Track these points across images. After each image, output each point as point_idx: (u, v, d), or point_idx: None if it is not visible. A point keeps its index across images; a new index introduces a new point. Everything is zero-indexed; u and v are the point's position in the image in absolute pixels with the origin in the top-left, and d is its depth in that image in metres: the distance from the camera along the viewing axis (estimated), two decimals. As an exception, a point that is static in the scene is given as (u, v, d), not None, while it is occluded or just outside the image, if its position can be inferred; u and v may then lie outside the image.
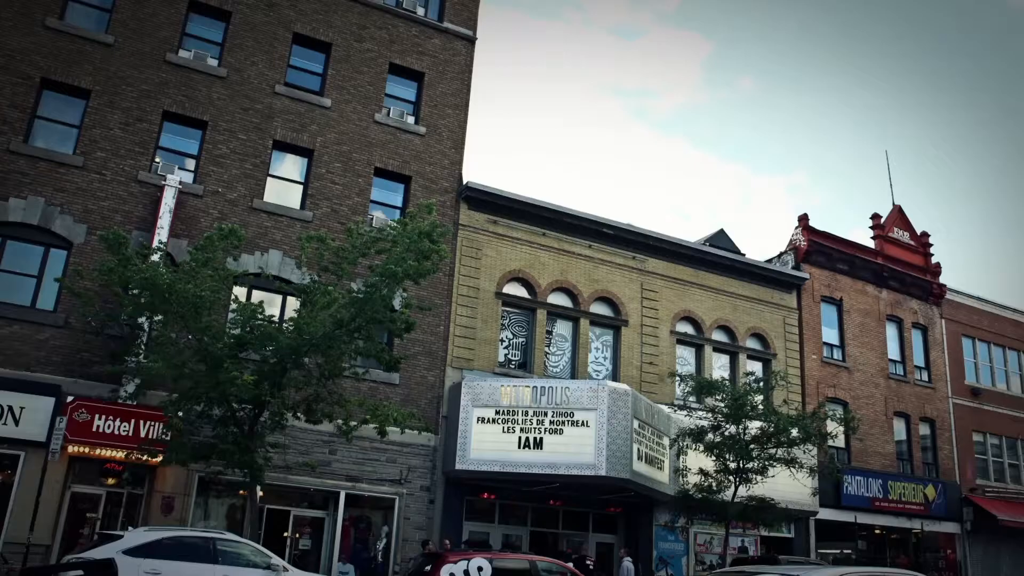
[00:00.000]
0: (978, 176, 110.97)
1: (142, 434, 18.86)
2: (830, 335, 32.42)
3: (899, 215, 36.80)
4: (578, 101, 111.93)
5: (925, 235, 37.00)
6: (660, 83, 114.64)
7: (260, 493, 18.56)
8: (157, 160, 21.83)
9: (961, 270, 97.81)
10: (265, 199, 22.84)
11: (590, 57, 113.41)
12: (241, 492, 19.97)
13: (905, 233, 36.60)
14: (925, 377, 34.89)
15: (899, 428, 33.37)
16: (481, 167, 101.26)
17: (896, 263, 35.17)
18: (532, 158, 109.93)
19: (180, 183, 21.19)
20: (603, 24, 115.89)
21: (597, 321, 26.99)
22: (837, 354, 32.33)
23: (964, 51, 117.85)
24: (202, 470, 19.04)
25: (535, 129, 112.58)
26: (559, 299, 26.48)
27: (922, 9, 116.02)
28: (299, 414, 17.96)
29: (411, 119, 25.62)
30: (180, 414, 17.35)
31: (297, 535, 21.53)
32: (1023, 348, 39.02)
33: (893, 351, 34.22)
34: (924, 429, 34.19)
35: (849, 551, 30.43)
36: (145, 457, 18.33)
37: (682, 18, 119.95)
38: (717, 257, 29.80)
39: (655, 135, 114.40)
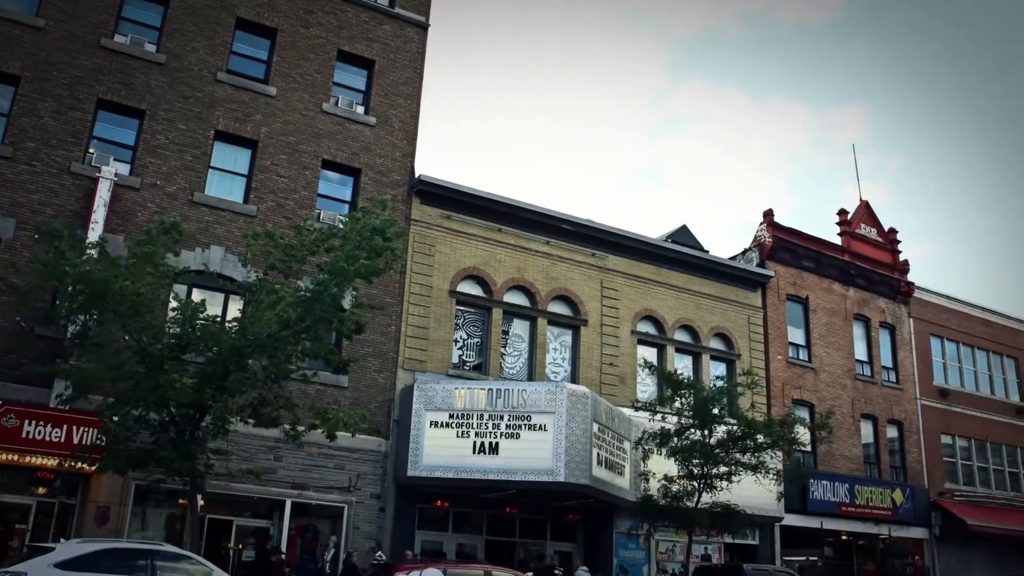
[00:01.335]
0: (950, 173, 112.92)
1: (75, 440, 18.69)
2: (796, 335, 32.95)
3: (866, 211, 37.49)
4: (557, 95, 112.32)
5: (893, 231, 37.71)
6: (630, 80, 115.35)
7: (201, 502, 18.52)
8: (91, 151, 21.70)
9: (930, 268, 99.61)
10: (207, 192, 22.79)
11: (564, 48, 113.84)
12: (181, 501, 19.90)
13: (872, 229, 37.29)
14: (893, 378, 35.60)
15: (866, 430, 34.02)
16: (468, 167, 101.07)
17: (863, 260, 35.86)
18: (526, 158, 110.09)
19: (116, 175, 21.07)
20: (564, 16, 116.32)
21: (555, 320, 27.23)
22: (803, 354, 32.87)
23: (946, 46, 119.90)
24: (140, 478, 18.94)
25: (519, 125, 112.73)
26: (516, 298, 26.68)
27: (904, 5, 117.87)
28: (245, 419, 17.95)
29: (361, 109, 25.68)
30: (116, 419, 17.22)
31: (240, 546, 21.50)
32: (993, 348, 39.93)
33: (860, 351, 34.87)
34: (892, 431, 34.87)
35: (815, 558, 30.95)
36: (79, 465, 18.21)
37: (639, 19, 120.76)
38: (679, 254, 30.18)
39: (632, 133, 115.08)
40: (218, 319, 18.33)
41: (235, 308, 20.30)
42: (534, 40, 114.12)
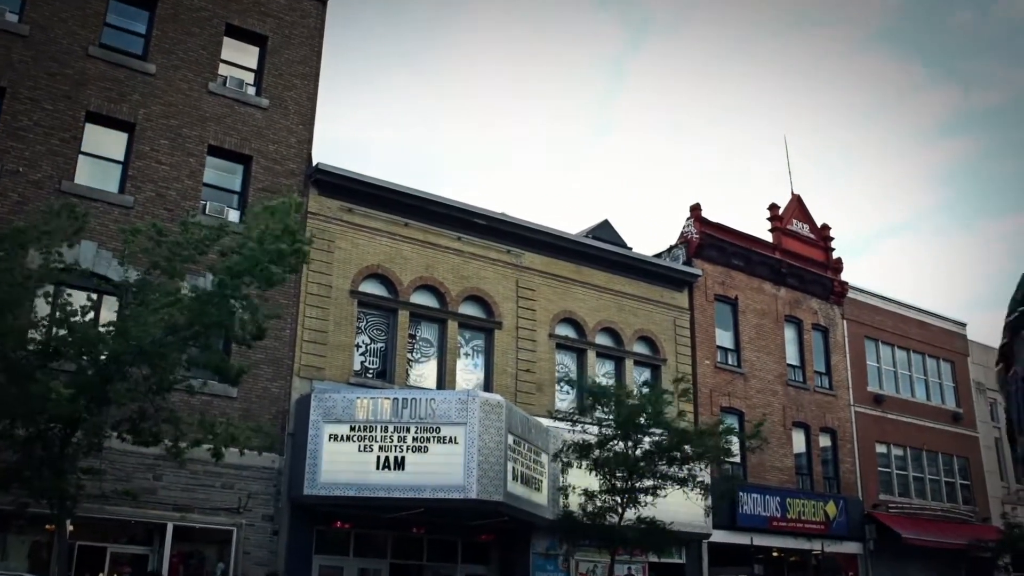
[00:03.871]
0: (888, 167, 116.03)
1: (-74, 460, 18.09)
2: (724, 338, 33.48)
3: (798, 206, 38.26)
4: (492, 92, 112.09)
5: (826, 228, 38.59)
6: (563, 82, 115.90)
7: (71, 527, 18.08)
8: (-58, 133, 21.00)
9: (865, 267, 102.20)
10: (76, 181, 22.24)
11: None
12: (48, 527, 19.37)
13: (804, 225, 38.04)
14: (826, 383, 36.45)
15: (798, 440, 34.76)
16: (378, 157, 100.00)
17: (795, 258, 36.55)
18: (439, 149, 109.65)
19: (-29, 161, 20.43)
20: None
21: (467, 323, 27.26)
22: (732, 359, 33.42)
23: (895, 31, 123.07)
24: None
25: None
26: (424, 298, 26.61)
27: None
28: (123, 434, 17.51)
29: (252, 90, 25.36)
30: (-27, 435, 16.71)
31: (115, 575, 21.02)
32: (929, 351, 41.20)
33: (792, 355, 35.59)
34: (824, 440, 35.72)
35: (745, 577, 31.51)
36: (-70, 488, 17.59)
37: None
38: (601, 251, 30.46)
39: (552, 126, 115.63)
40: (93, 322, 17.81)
41: (112, 311, 19.75)
42: (453, 17, 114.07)
